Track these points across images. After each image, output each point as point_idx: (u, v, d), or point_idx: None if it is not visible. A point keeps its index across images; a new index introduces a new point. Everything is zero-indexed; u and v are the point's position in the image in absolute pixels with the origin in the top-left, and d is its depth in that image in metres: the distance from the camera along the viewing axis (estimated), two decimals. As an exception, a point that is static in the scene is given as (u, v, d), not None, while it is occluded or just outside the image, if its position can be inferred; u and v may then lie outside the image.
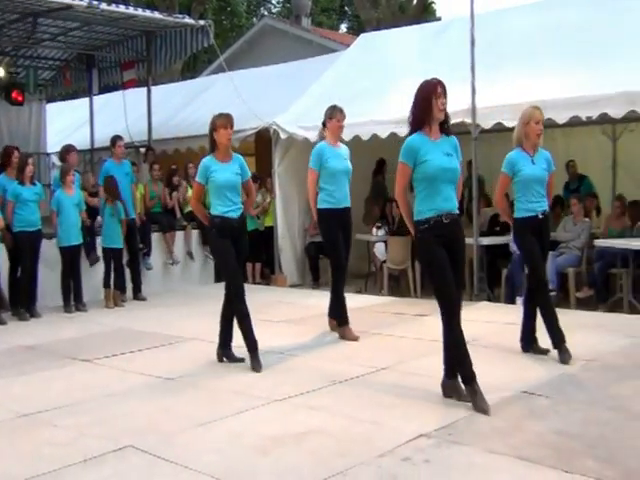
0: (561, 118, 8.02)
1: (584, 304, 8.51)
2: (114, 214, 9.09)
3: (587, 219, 9.19)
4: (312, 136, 10.09)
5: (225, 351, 6.04)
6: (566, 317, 7.45)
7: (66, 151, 9.52)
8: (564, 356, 5.61)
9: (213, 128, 5.91)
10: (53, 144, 14.06)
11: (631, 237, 8.53)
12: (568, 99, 8.01)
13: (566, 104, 7.99)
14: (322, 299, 9.05)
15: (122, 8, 10.46)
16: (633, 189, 9.96)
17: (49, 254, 8.85)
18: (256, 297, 6.43)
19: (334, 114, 6.97)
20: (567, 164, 10.56)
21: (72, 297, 8.82)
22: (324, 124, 7.04)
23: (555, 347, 5.73)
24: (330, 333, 6.98)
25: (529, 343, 5.94)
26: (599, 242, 8.61)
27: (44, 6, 9.91)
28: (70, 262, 8.76)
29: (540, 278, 5.87)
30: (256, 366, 5.73)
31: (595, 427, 4.15)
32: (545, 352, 5.82)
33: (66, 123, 15.97)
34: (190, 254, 10.78)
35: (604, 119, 8.55)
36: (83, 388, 5.39)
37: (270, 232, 11.12)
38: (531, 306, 5.94)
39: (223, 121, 5.88)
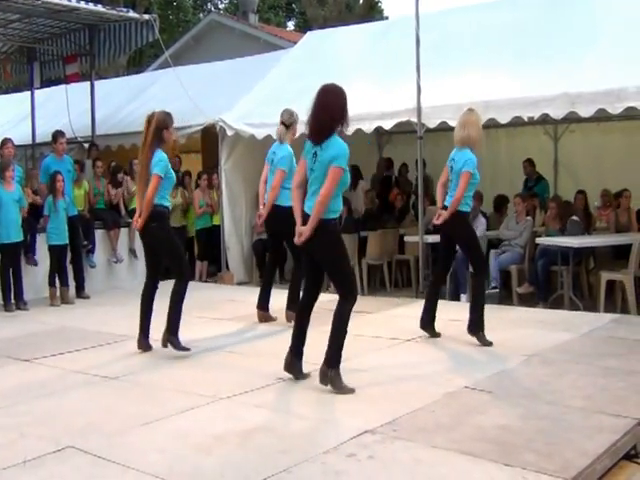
0: (503, 118, 8.17)
1: (526, 301, 8.69)
2: (66, 208, 8.99)
3: (529, 217, 9.37)
4: (258, 133, 10.08)
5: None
6: (508, 313, 7.65)
7: (2, 144, 9.32)
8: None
9: (164, 126, 5.98)
10: (-8, 139, 13.71)
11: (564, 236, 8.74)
12: (510, 99, 8.15)
13: (508, 104, 8.14)
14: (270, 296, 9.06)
15: (64, 0, 10.24)
16: (573, 188, 10.20)
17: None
18: (203, 295, 6.41)
19: None
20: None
21: (12, 295, 8.62)
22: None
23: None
24: (276, 329, 6.99)
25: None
26: (541, 240, 8.79)
27: (-18, -3, 9.67)
28: (10, 259, 8.55)
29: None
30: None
31: (535, 421, 4.24)
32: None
33: (6, 117, 15.60)
34: (133, 252, 10.63)
35: (545, 120, 8.74)
36: (23, 388, 5.27)
37: (217, 230, 11.04)
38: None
39: (172, 120, 6.06)
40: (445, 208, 6.25)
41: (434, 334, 6.39)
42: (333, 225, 4.95)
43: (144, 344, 6.21)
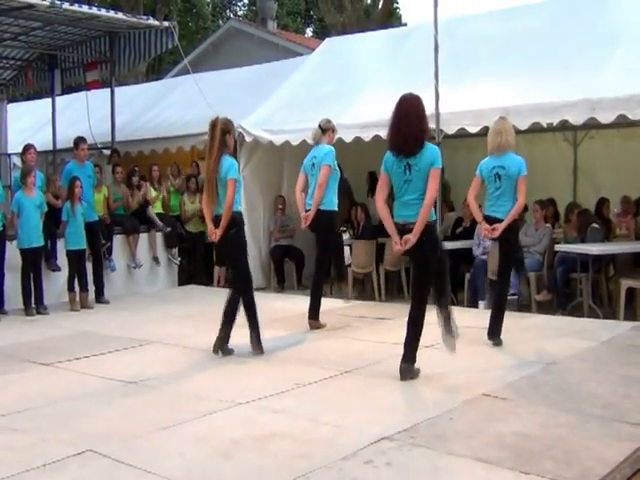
0: (522, 124, 8.13)
1: (544, 308, 8.64)
2: (84, 213, 9.06)
3: (548, 224, 9.32)
4: (277, 139, 10.11)
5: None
6: (527, 321, 7.62)
7: (25, 150, 9.42)
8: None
9: (228, 130, 6.09)
10: (14, 145, 13.85)
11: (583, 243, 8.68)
12: (530, 105, 8.12)
13: (528, 110, 8.11)
14: (287, 302, 9.11)
15: (85, 8, 10.36)
16: (593, 195, 10.14)
17: (9, 256, 8.72)
18: (221, 300, 6.43)
19: None
20: None
21: (33, 300, 8.70)
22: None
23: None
24: (294, 336, 7.01)
25: None
26: (560, 247, 8.74)
27: (5, 5, 9.76)
28: (31, 264, 8.64)
29: None
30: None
31: (553, 429, 4.22)
32: None
33: (28, 124, 15.74)
34: (156, 259, 10.70)
35: (565, 126, 8.70)
36: (43, 392, 5.32)
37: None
38: None
39: (233, 126, 6.28)
40: (489, 219, 6.08)
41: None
42: (434, 224, 5.26)
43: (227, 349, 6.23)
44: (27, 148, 9.45)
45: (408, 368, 5.25)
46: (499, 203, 6.11)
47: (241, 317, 6.20)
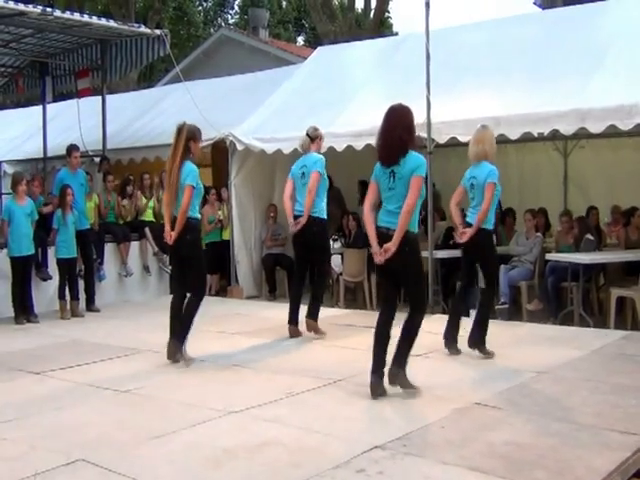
0: (514, 134, 8.18)
1: (535, 317, 8.66)
2: (75, 221, 9.03)
3: (539, 234, 9.35)
4: (268, 148, 10.12)
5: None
6: (518, 330, 7.64)
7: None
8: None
9: (192, 137, 6.12)
10: (4, 152, 13.82)
11: (577, 252, 8.72)
12: (520, 115, 8.16)
13: (518, 120, 8.15)
14: (279, 310, 9.07)
15: (76, 16, 10.33)
16: (583, 204, 10.19)
17: (-1, 264, 8.70)
18: (212, 309, 6.44)
19: None
20: None
21: (23, 308, 8.65)
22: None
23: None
24: (286, 344, 7.01)
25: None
26: (551, 256, 8.77)
27: (-4, 12, 9.75)
28: (21, 272, 8.59)
29: None
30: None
31: (545, 438, 4.22)
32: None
33: (18, 131, 15.71)
34: (147, 268, 10.67)
35: (555, 135, 8.75)
36: (34, 401, 5.29)
37: (225, 244, 11.06)
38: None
39: (200, 134, 6.27)
40: (469, 225, 6.24)
41: (456, 351, 6.37)
42: (415, 236, 5.13)
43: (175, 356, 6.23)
44: (32, 179, 9.78)
45: (400, 374, 5.12)
46: (473, 211, 6.29)
47: (234, 325, 6.19)
